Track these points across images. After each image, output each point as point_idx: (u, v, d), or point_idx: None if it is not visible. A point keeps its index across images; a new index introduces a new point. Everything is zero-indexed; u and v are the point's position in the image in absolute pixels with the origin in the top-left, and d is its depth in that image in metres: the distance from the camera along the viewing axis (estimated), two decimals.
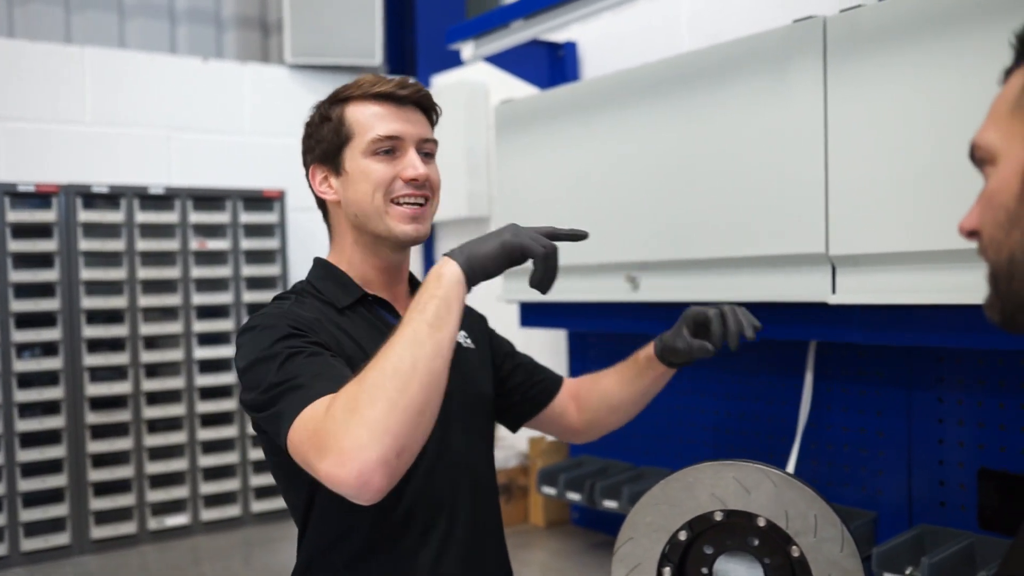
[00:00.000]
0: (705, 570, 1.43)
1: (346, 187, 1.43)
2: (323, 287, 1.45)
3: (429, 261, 3.98)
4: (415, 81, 1.47)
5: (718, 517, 1.39)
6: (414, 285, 1.57)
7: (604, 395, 1.71)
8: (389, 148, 1.41)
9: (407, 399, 1.12)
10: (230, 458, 3.51)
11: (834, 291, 1.93)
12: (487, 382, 1.61)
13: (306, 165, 1.49)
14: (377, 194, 1.40)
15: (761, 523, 1.37)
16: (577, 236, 1.33)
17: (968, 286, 1.70)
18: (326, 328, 1.36)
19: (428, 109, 1.49)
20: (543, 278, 1.28)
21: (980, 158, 0.84)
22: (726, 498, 1.38)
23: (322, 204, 1.51)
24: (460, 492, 1.43)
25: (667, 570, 1.42)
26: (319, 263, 1.51)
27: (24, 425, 3.12)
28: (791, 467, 2.26)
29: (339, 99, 1.45)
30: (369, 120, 1.42)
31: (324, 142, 1.44)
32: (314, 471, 1.14)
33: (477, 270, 1.25)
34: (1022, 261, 0.77)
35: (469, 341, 1.63)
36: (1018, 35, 0.81)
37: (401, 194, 1.41)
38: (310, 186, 1.49)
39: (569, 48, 3.09)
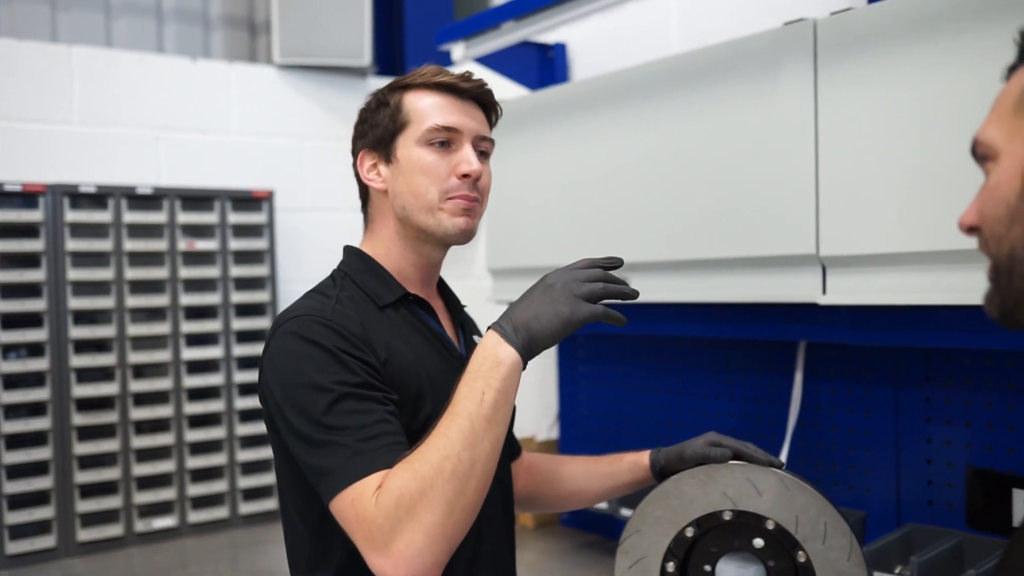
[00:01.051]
0: (708, 568, 1.43)
1: (396, 176, 1.38)
2: (363, 282, 1.39)
3: None
4: (479, 77, 1.42)
5: (727, 516, 1.40)
6: (443, 288, 1.54)
7: (568, 477, 1.64)
8: (445, 140, 1.36)
9: (464, 501, 1.12)
10: (218, 460, 3.49)
11: (824, 291, 1.94)
12: None
13: (355, 151, 1.44)
14: (432, 188, 1.35)
15: (770, 526, 1.37)
16: (614, 264, 1.26)
17: (956, 287, 1.71)
18: (368, 334, 1.31)
19: (488, 107, 1.44)
20: (616, 319, 1.23)
21: (982, 154, 0.85)
22: (737, 498, 1.39)
23: (364, 193, 1.46)
24: (491, 503, 1.39)
25: (671, 565, 1.43)
26: (355, 253, 1.45)
27: (9, 427, 3.09)
28: None
29: (399, 86, 1.40)
30: (428, 109, 1.37)
31: (378, 127, 1.40)
32: (360, 552, 1.14)
33: (534, 353, 1.21)
34: (1023, 257, 0.78)
35: None
36: (1022, 32, 0.82)
37: (456, 194, 1.36)
38: (356, 174, 1.45)
39: (559, 49, 3.10)
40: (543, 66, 3.08)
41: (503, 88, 3.15)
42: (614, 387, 2.88)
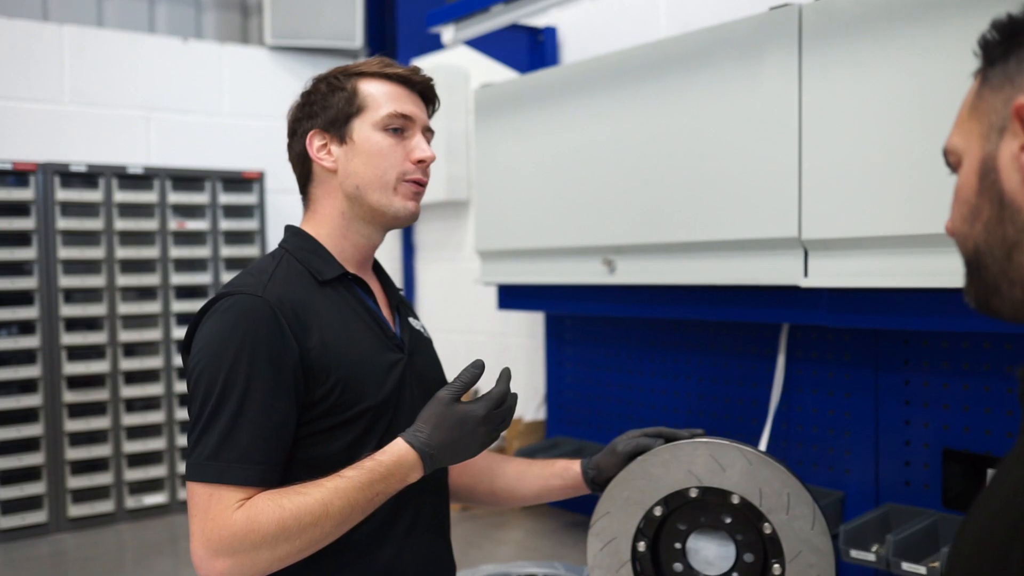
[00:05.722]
0: (679, 545, 1.46)
1: (350, 157, 1.44)
2: (304, 258, 1.44)
3: (408, 245, 4.00)
4: (425, 72, 1.52)
5: (693, 494, 1.43)
6: (379, 271, 1.59)
7: (500, 475, 1.67)
8: (400, 127, 1.45)
9: (304, 553, 1.25)
10: None
11: (806, 275, 1.97)
12: (442, 371, 1.63)
13: (301, 132, 1.48)
14: (391, 171, 1.44)
15: (735, 500, 1.41)
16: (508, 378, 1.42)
17: (936, 270, 1.74)
18: (303, 313, 1.35)
19: (431, 100, 1.54)
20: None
21: (953, 162, 0.89)
22: (702, 475, 1.42)
23: (307, 173, 1.50)
24: (425, 489, 1.44)
25: (642, 544, 1.46)
26: (296, 232, 1.50)
27: (1, 403, 3.11)
28: (763, 448, 2.31)
29: (351, 72, 1.47)
30: (383, 97, 1.45)
31: (332, 109, 1.45)
32: (192, 545, 1.22)
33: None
34: (985, 251, 0.82)
35: (427, 331, 1.64)
36: (979, 42, 0.85)
37: (411, 178, 1.46)
38: (300, 152, 1.48)
39: (549, 33, 3.11)
40: (533, 49, 3.09)
41: (493, 71, 3.16)
42: (600, 369, 2.91)
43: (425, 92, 1.52)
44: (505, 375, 1.39)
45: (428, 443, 1.30)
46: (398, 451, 1.29)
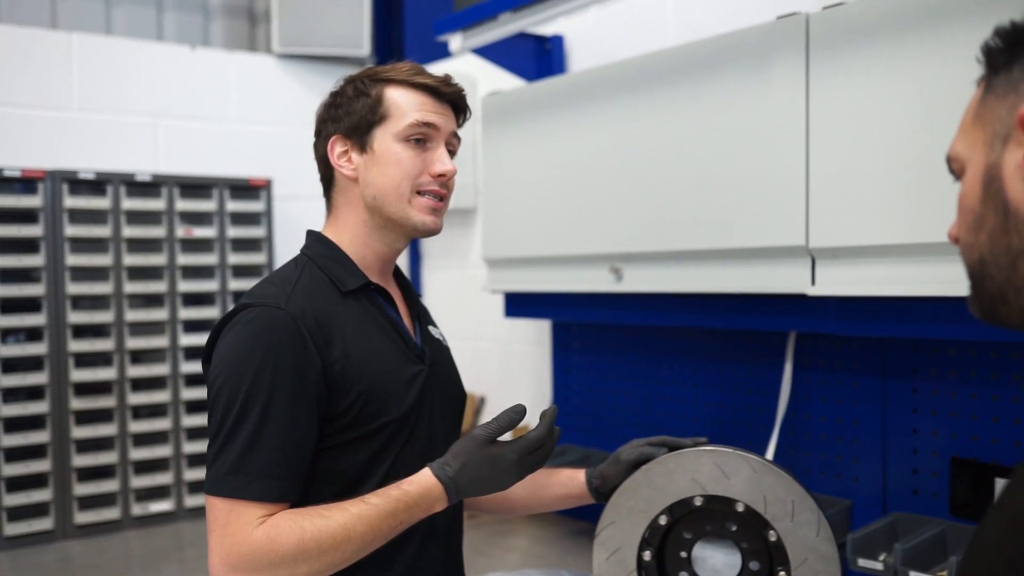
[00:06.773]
0: (684, 554, 1.46)
1: (369, 167, 1.42)
2: (326, 266, 1.43)
3: (415, 252, 4.00)
4: (455, 81, 1.48)
5: (698, 502, 1.43)
6: (400, 278, 1.58)
7: None
8: (422, 137, 1.42)
9: (336, 567, 1.24)
10: None
11: (813, 283, 1.97)
12: (460, 380, 1.63)
13: (325, 135, 1.47)
14: (405, 183, 1.40)
15: (740, 508, 1.40)
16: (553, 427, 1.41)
17: (943, 278, 1.74)
18: (325, 324, 1.34)
19: (461, 110, 1.51)
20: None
21: (956, 170, 0.89)
22: (706, 483, 1.42)
23: (328, 178, 1.49)
24: None
25: (647, 553, 1.46)
26: (318, 238, 1.48)
27: (8, 410, 3.11)
28: (770, 456, 2.30)
29: (379, 78, 1.44)
30: (408, 106, 1.42)
31: (355, 115, 1.43)
32: (210, 559, 1.22)
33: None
34: (991, 261, 0.82)
35: (445, 339, 1.64)
36: (983, 50, 0.85)
37: (428, 189, 1.42)
38: (324, 155, 1.47)
39: (556, 41, 3.12)
40: (540, 58, 3.09)
41: (500, 79, 3.17)
42: (607, 376, 2.90)
43: (455, 101, 1.48)
44: (548, 417, 1.36)
45: (455, 479, 1.29)
46: (425, 482, 1.29)
